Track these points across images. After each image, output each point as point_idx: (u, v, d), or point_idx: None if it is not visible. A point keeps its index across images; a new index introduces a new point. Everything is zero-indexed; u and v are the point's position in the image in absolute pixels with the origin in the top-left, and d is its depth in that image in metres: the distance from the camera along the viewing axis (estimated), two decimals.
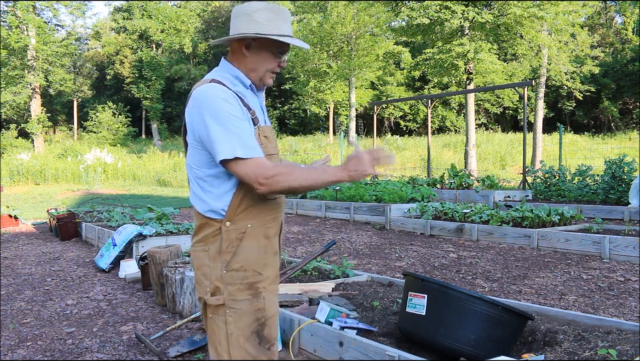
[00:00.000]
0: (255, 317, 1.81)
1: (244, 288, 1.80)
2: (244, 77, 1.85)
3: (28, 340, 3.57)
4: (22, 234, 8.74)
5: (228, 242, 1.79)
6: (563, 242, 5.90)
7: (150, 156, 26.34)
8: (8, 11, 30.70)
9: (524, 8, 16.96)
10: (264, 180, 1.67)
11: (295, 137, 32.42)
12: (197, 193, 1.84)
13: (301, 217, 9.90)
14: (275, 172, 1.68)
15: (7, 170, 20.13)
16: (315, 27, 28.10)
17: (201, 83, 1.80)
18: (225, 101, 1.72)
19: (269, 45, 1.84)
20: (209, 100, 1.72)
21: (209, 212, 1.81)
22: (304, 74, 30.07)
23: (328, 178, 1.71)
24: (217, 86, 1.76)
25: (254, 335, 1.81)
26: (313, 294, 3.76)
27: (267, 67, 1.86)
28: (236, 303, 1.79)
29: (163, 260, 4.40)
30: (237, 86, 1.83)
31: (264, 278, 1.84)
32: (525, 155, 11.90)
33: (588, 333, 2.78)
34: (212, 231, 1.81)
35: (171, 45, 37.34)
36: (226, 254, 1.79)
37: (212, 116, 1.70)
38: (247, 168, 1.69)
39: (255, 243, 1.82)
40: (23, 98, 31.64)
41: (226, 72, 1.86)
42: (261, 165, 1.69)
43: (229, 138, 1.68)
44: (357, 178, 1.68)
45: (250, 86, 1.87)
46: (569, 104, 32.43)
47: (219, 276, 1.80)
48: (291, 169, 1.72)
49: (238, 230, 1.80)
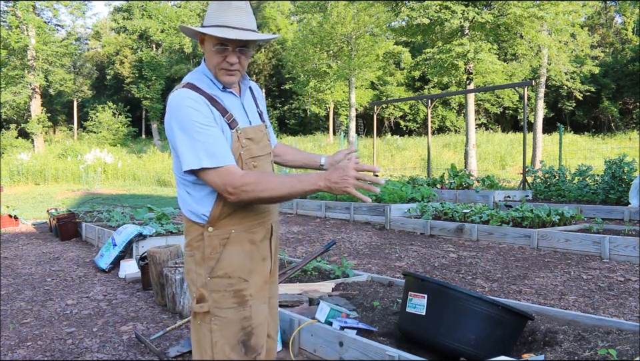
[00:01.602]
0: (241, 326, 1.75)
1: (229, 295, 1.74)
2: (215, 78, 1.79)
3: (28, 340, 3.57)
4: (22, 234, 8.74)
5: (211, 247, 1.74)
6: (563, 242, 5.90)
7: (150, 156, 26.36)
8: (8, 11, 30.70)
9: (524, 8, 16.95)
10: (232, 189, 1.62)
11: (295, 137, 32.45)
12: (181, 195, 1.80)
13: (300, 217, 9.90)
14: (243, 182, 1.61)
15: (7, 170, 20.12)
16: (315, 27, 28.10)
17: (177, 87, 1.76)
18: (192, 109, 1.66)
19: (210, 38, 1.74)
20: (177, 108, 1.68)
21: (190, 214, 1.77)
22: (304, 74, 30.06)
23: (305, 188, 1.59)
24: (187, 92, 1.70)
25: (240, 344, 1.75)
26: (313, 294, 3.76)
27: (214, 63, 1.76)
28: (221, 311, 1.73)
29: (163, 260, 4.40)
30: (212, 89, 1.76)
31: (250, 285, 1.78)
32: (525, 155, 11.90)
33: (588, 333, 2.78)
34: (196, 235, 1.77)
35: (170, 45, 37.35)
36: (209, 261, 1.74)
37: (179, 125, 1.66)
38: (214, 177, 1.64)
39: (239, 249, 1.76)
40: (23, 98, 31.64)
41: (202, 74, 1.79)
42: (230, 173, 1.63)
43: (194, 147, 1.64)
44: (336, 192, 1.55)
45: (225, 88, 1.79)
46: (568, 104, 32.43)
47: (203, 282, 1.74)
48: (261, 178, 1.63)
49: (221, 235, 1.74)
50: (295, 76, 31.14)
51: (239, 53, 1.75)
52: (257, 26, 1.81)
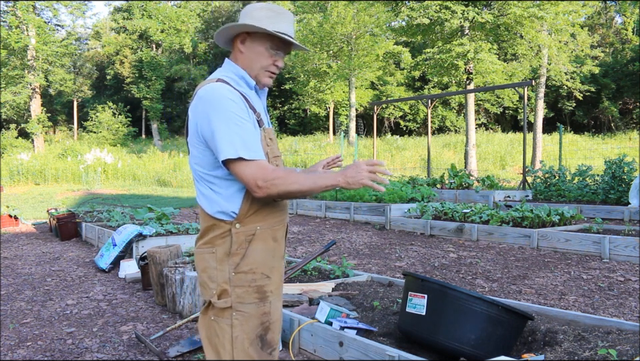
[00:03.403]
0: (261, 321, 1.80)
1: (252, 291, 1.79)
2: (249, 77, 1.84)
3: (28, 340, 3.57)
4: (22, 234, 8.74)
5: (237, 244, 1.78)
6: (563, 242, 5.90)
7: (150, 156, 26.35)
8: (8, 11, 30.70)
9: (524, 8, 16.95)
10: (263, 182, 1.67)
11: (295, 137, 32.43)
12: (206, 194, 1.81)
13: (301, 217, 9.90)
14: (275, 176, 1.68)
15: (7, 170, 20.12)
16: (315, 27, 28.10)
17: (207, 82, 1.79)
18: (231, 101, 1.71)
19: (262, 40, 1.81)
20: (215, 99, 1.71)
21: (219, 213, 1.79)
22: (304, 74, 30.07)
23: (326, 183, 1.71)
24: (224, 86, 1.74)
25: (257, 339, 1.80)
26: (312, 294, 3.76)
27: (261, 64, 1.83)
28: (244, 306, 1.78)
29: (163, 260, 4.40)
30: (241, 87, 1.81)
31: (271, 282, 1.84)
32: (525, 155, 11.90)
33: (588, 333, 2.78)
34: (220, 233, 1.79)
35: (170, 45, 37.34)
36: (235, 256, 1.78)
37: (217, 116, 1.69)
38: (248, 169, 1.68)
39: (263, 246, 1.82)
40: (22, 98, 31.63)
41: (230, 72, 1.84)
42: (262, 167, 1.69)
43: (232, 138, 1.67)
44: (353, 185, 1.69)
45: (254, 87, 1.86)
46: (568, 104, 32.42)
47: (226, 278, 1.78)
48: (289, 173, 1.73)
49: (247, 232, 1.79)
50: (295, 76, 31.14)
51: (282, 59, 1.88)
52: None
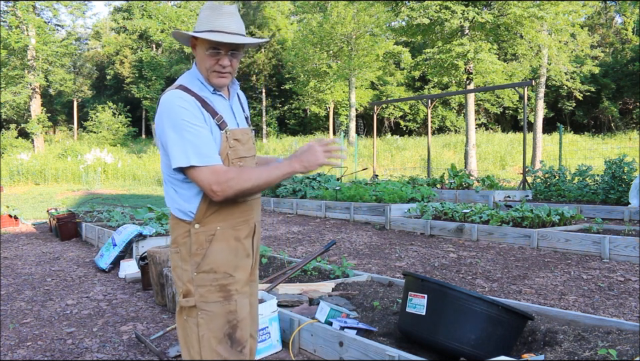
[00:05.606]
0: (227, 319, 1.82)
1: (214, 289, 1.82)
2: (205, 80, 1.87)
3: (28, 340, 3.57)
4: (22, 234, 8.74)
5: (197, 244, 1.82)
6: (563, 242, 5.90)
7: (150, 156, 26.35)
8: (8, 11, 30.70)
9: (524, 8, 16.95)
10: (217, 186, 1.71)
11: (295, 137, 32.42)
12: (170, 194, 1.88)
13: (300, 217, 9.90)
14: (227, 177, 1.72)
15: (7, 170, 20.11)
16: (315, 27, 28.11)
17: (169, 88, 1.84)
18: (183, 108, 1.74)
19: (202, 42, 1.83)
20: (169, 108, 1.76)
21: (178, 212, 1.85)
22: (304, 74, 30.07)
23: (282, 171, 1.76)
24: (179, 93, 1.78)
25: (226, 337, 1.83)
26: (312, 294, 3.76)
27: (206, 65, 1.85)
28: (207, 305, 1.81)
29: (163, 260, 4.40)
30: (203, 91, 1.84)
31: (235, 280, 1.86)
32: (525, 155, 11.90)
33: (588, 333, 2.78)
34: (182, 232, 1.85)
35: (170, 45, 37.35)
36: (196, 256, 1.82)
37: (170, 124, 1.74)
38: (202, 175, 1.72)
39: (224, 245, 1.84)
40: (22, 98, 31.63)
41: (193, 77, 1.87)
42: (215, 172, 1.73)
43: (184, 146, 1.72)
44: (311, 167, 1.74)
45: (215, 91, 1.87)
46: (568, 104, 32.42)
47: (190, 277, 1.82)
48: (242, 170, 1.77)
49: (207, 232, 1.82)
50: (294, 76, 31.13)
51: (230, 57, 1.85)
52: (257, 26, 1.85)
